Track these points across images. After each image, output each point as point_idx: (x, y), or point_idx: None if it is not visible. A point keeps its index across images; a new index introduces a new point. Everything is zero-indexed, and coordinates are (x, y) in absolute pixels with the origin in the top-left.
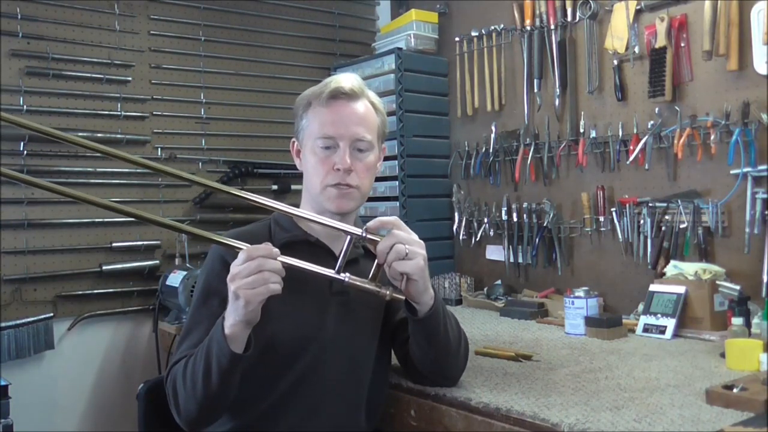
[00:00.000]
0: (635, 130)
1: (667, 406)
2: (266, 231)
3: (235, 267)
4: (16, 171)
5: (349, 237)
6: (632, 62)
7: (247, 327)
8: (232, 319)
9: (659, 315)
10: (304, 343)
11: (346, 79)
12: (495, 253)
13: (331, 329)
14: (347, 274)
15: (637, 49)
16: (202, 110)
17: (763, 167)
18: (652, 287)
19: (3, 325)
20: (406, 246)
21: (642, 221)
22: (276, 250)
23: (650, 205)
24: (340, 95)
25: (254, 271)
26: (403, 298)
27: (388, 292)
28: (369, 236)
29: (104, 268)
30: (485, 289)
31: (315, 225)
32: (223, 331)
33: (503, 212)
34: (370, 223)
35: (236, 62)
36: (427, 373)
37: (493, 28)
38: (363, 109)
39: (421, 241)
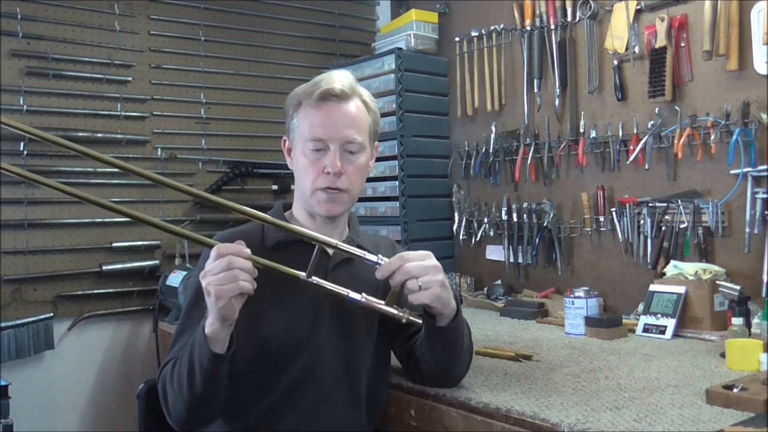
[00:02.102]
0: (635, 130)
1: (667, 406)
2: (259, 231)
3: (207, 264)
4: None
5: (317, 246)
6: (632, 62)
7: (224, 325)
8: (210, 318)
9: (659, 315)
10: (300, 344)
11: (337, 79)
12: (495, 253)
13: (326, 329)
14: (363, 295)
15: (637, 49)
16: (202, 110)
17: (763, 167)
18: (652, 287)
19: (3, 325)
20: (418, 280)
21: (642, 221)
22: (246, 250)
23: (650, 205)
24: (330, 96)
25: (224, 269)
26: (420, 322)
27: (404, 315)
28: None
29: (104, 268)
30: (485, 289)
31: (307, 224)
32: (203, 331)
33: (503, 212)
34: (378, 275)
35: (236, 62)
36: (432, 375)
37: (493, 28)
38: (354, 110)
39: (437, 263)
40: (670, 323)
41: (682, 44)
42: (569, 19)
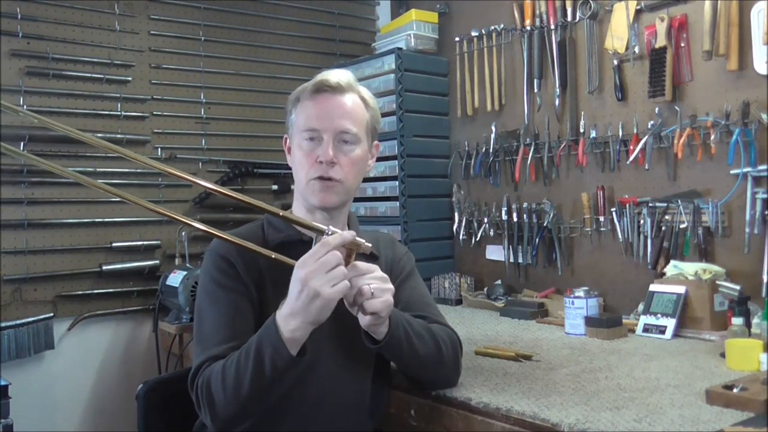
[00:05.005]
0: (635, 130)
1: (667, 406)
2: (259, 232)
3: (312, 263)
4: (16, 171)
5: (316, 235)
6: (632, 62)
7: (311, 328)
8: (298, 320)
9: (659, 315)
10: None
11: (334, 74)
12: (495, 253)
13: (327, 328)
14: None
15: (637, 49)
16: (202, 110)
17: (763, 167)
18: (652, 287)
19: (3, 325)
20: (370, 285)
21: (642, 221)
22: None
23: (650, 205)
24: (325, 88)
25: (334, 265)
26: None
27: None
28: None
29: (104, 268)
30: (485, 289)
31: (305, 221)
32: (279, 334)
33: (503, 212)
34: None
35: (236, 62)
36: (414, 382)
37: (493, 28)
38: (350, 103)
39: (385, 275)
40: (670, 323)
41: (682, 44)
42: (569, 19)
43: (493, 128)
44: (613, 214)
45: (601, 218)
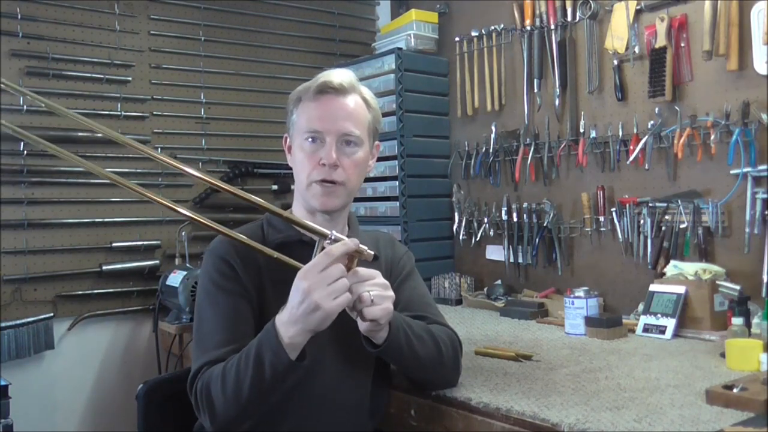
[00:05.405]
0: (635, 130)
1: (667, 406)
2: (259, 232)
3: (315, 274)
4: (16, 171)
5: (318, 238)
6: (632, 62)
7: (311, 335)
8: (299, 328)
9: (659, 315)
10: None
11: (336, 74)
12: (495, 253)
13: (328, 332)
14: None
15: (637, 49)
16: (202, 110)
17: (763, 167)
18: (652, 287)
19: (3, 325)
20: (371, 292)
21: (642, 221)
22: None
23: (650, 205)
24: (328, 89)
25: (336, 278)
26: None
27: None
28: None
29: (104, 268)
30: (485, 289)
31: (308, 224)
32: (279, 339)
33: (503, 212)
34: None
35: (236, 62)
36: (415, 383)
37: (493, 28)
38: (352, 105)
39: (386, 282)
40: (670, 323)
41: (682, 44)
42: (569, 19)
43: (493, 128)
44: (613, 214)
45: (601, 218)
